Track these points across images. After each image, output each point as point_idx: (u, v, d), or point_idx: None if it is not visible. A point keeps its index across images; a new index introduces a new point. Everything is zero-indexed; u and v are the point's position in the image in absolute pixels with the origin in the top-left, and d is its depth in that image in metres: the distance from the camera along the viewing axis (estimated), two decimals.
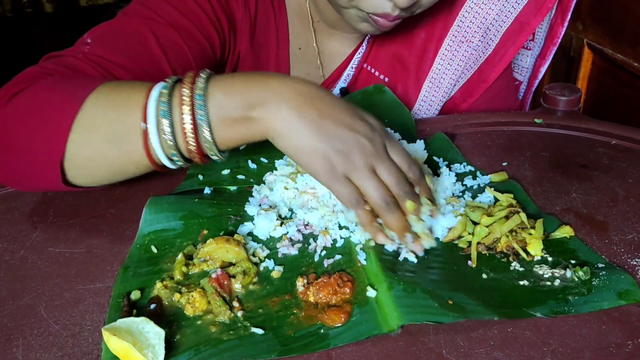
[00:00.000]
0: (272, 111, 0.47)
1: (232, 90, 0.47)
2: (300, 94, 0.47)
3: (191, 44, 0.63)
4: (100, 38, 0.59)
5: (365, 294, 0.45)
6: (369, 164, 0.48)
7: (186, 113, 0.46)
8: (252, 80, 0.48)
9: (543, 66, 0.85)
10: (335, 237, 0.51)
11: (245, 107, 0.47)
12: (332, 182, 0.47)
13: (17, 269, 0.50)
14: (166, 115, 0.46)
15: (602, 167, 0.63)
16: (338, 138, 0.47)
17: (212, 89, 0.47)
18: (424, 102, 0.79)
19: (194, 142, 0.47)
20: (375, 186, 0.47)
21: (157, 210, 0.54)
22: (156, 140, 0.47)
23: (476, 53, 0.75)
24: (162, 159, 0.48)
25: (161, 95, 0.47)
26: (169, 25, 0.62)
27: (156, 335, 0.40)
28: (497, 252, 0.50)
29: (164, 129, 0.46)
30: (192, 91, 0.47)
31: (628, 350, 0.41)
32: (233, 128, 0.47)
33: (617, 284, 0.46)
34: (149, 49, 0.60)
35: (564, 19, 0.80)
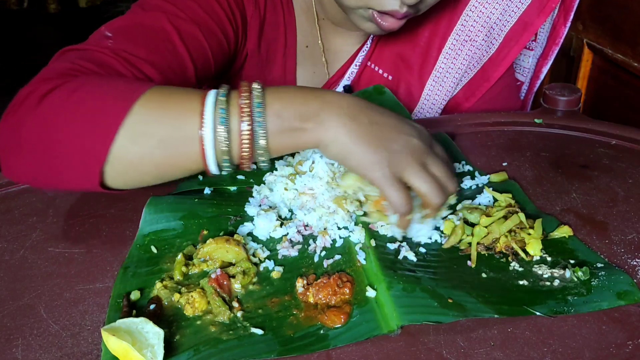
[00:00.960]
0: (326, 121, 0.49)
1: (289, 101, 0.49)
2: (354, 106, 0.50)
3: (210, 39, 0.63)
4: (122, 32, 0.58)
5: (365, 294, 0.45)
6: (421, 160, 0.50)
7: (245, 120, 0.47)
8: (309, 93, 0.50)
9: (545, 66, 0.85)
10: (335, 237, 0.51)
11: (302, 118, 0.49)
12: (385, 185, 0.49)
13: (17, 269, 0.50)
14: (224, 122, 0.47)
15: (602, 167, 0.63)
16: (389, 140, 0.49)
17: (270, 99, 0.48)
18: (427, 100, 0.79)
19: (248, 149, 0.48)
20: (428, 181, 0.50)
21: (157, 210, 0.54)
22: (211, 146, 0.47)
23: (479, 52, 0.75)
24: (211, 164, 0.49)
25: (218, 102, 0.48)
26: (191, 21, 0.61)
27: (155, 335, 0.40)
28: (496, 253, 0.50)
29: (221, 135, 0.47)
30: (251, 100, 0.48)
31: (628, 350, 0.41)
32: (287, 137, 0.49)
33: (617, 285, 0.46)
34: (172, 44, 0.59)
35: (567, 19, 0.80)
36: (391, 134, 0.49)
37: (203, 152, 0.48)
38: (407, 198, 0.49)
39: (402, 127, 0.51)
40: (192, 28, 0.61)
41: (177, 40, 0.60)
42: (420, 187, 0.49)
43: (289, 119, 0.48)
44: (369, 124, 0.49)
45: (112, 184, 0.51)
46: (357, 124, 0.49)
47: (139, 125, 0.48)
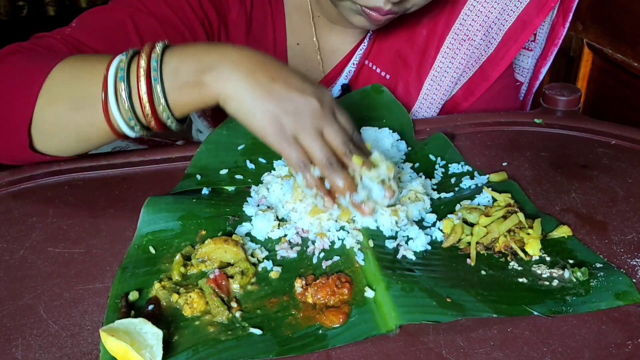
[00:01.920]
0: (223, 75, 0.49)
1: (186, 57, 0.50)
2: (253, 59, 0.49)
3: (171, 34, 0.65)
4: (82, 23, 0.63)
5: (364, 295, 0.45)
6: (317, 125, 0.49)
7: (142, 76, 0.49)
8: (209, 47, 0.51)
9: (544, 67, 0.85)
10: (333, 239, 0.51)
11: (198, 72, 0.49)
12: (281, 143, 0.49)
13: (17, 269, 0.50)
14: (123, 79, 0.49)
15: (601, 167, 0.63)
16: (288, 100, 0.48)
17: (168, 55, 0.50)
18: (425, 100, 0.79)
19: (148, 106, 0.49)
20: (321, 146, 0.49)
21: (155, 210, 0.54)
22: (114, 106, 0.50)
23: (478, 52, 0.75)
24: (121, 125, 0.51)
25: (121, 62, 0.50)
26: (152, 15, 0.64)
27: (154, 335, 0.40)
28: (495, 252, 0.50)
29: (122, 94, 0.49)
30: (149, 58, 0.49)
31: (628, 350, 0.41)
32: (186, 92, 0.50)
33: (615, 285, 0.46)
34: (127, 35, 0.62)
35: (566, 19, 0.79)
36: (290, 93, 0.49)
37: (106, 111, 0.50)
38: (303, 155, 0.49)
39: (303, 87, 0.50)
40: (152, 22, 0.64)
41: (132, 31, 0.62)
42: (311, 150, 0.49)
43: (186, 74, 0.49)
44: (269, 81, 0.49)
45: (41, 147, 0.55)
46: (256, 81, 0.48)
47: (54, 88, 0.52)
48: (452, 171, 0.62)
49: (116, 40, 0.61)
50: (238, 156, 0.64)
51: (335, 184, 0.50)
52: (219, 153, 0.64)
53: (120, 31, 0.62)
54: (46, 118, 0.52)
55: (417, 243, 0.50)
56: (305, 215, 0.53)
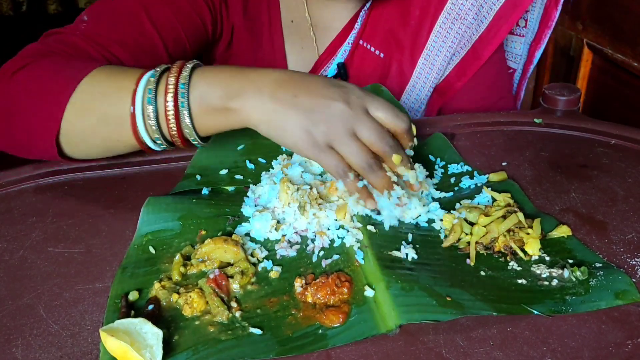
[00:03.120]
0: (248, 101, 0.50)
1: (214, 81, 0.51)
2: (274, 80, 0.51)
3: (183, 20, 0.66)
4: (96, 16, 0.63)
5: (363, 294, 0.45)
6: (349, 128, 0.49)
7: (169, 100, 0.50)
8: (234, 72, 0.52)
9: (538, 50, 0.85)
10: (333, 238, 0.51)
11: (225, 98, 0.51)
12: (317, 155, 0.50)
13: (17, 268, 0.50)
14: (151, 102, 0.51)
15: (601, 167, 0.63)
16: (313, 110, 0.49)
17: (196, 78, 0.52)
18: (419, 79, 0.79)
19: (175, 127, 0.51)
20: (356, 151, 0.49)
21: (155, 210, 0.54)
22: (142, 124, 0.52)
23: (470, 31, 0.76)
24: (147, 141, 0.53)
25: (149, 83, 0.52)
26: (163, 3, 0.64)
27: (154, 335, 0.40)
28: (494, 252, 0.50)
29: (149, 114, 0.51)
30: (177, 80, 0.51)
31: (627, 350, 0.41)
32: (213, 116, 0.52)
33: (615, 284, 0.46)
34: (141, 23, 0.63)
35: (558, 2, 0.80)
36: (315, 103, 0.49)
37: (134, 128, 0.52)
38: (342, 163, 0.50)
39: (327, 93, 0.50)
40: (162, 7, 0.64)
41: (146, 20, 0.63)
42: (348, 157, 0.50)
43: (213, 99, 0.51)
44: (291, 98, 0.50)
45: (69, 154, 0.58)
46: (279, 101, 0.50)
47: (82, 102, 0.53)
48: (451, 171, 0.62)
49: (131, 29, 0.62)
50: (238, 156, 0.64)
51: (374, 185, 0.51)
52: (218, 153, 0.64)
53: (132, 20, 0.63)
54: (75, 130, 0.54)
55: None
56: (300, 216, 0.53)
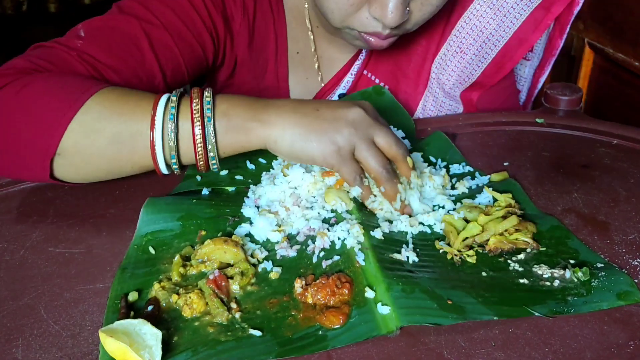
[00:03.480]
0: (270, 118, 0.52)
1: (235, 102, 0.53)
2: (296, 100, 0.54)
3: (183, 48, 0.64)
4: (93, 35, 0.60)
5: (364, 295, 0.45)
6: (369, 134, 0.52)
7: (197, 119, 0.51)
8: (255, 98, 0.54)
9: (542, 76, 0.84)
10: (333, 239, 0.51)
11: (248, 117, 0.52)
12: (340, 164, 0.52)
13: (17, 269, 0.50)
14: (173, 119, 0.51)
15: (603, 167, 0.63)
16: (337, 118, 0.52)
17: (219, 100, 0.52)
18: (424, 110, 0.79)
19: (202, 148, 0.51)
20: (375, 156, 0.52)
21: (155, 210, 0.54)
22: (160, 146, 0.51)
23: (470, 67, 0.74)
24: (160, 164, 0.52)
25: (170, 102, 0.51)
26: (164, 28, 0.62)
27: (153, 336, 0.40)
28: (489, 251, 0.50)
29: (169, 134, 0.51)
30: (201, 101, 0.51)
31: (630, 350, 0.41)
32: (234, 135, 0.52)
33: (617, 285, 0.46)
34: (141, 51, 0.61)
35: (563, 32, 0.78)
36: (337, 112, 0.52)
37: (153, 151, 0.51)
38: (360, 174, 0.53)
39: (344, 104, 0.53)
40: (164, 35, 0.63)
41: (147, 48, 0.61)
42: (367, 162, 0.52)
43: (236, 117, 0.52)
44: (313, 110, 0.52)
45: (63, 176, 0.55)
46: (302, 115, 0.52)
47: (92, 122, 0.51)
48: (453, 172, 0.62)
49: (132, 57, 0.60)
50: (238, 157, 0.63)
51: (388, 191, 0.53)
52: None
53: (134, 46, 0.60)
54: (79, 151, 0.52)
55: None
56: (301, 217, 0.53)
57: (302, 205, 0.54)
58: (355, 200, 0.54)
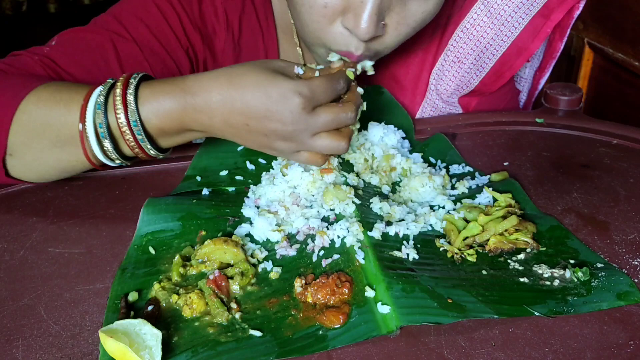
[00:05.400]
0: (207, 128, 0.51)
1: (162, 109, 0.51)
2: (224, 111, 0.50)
3: (154, 63, 0.64)
4: (63, 44, 0.61)
5: (364, 294, 0.45)
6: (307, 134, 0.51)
7: (120, 114, 0.49)
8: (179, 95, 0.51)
9: (542, 78, 0.83)
10: (333, 237, 0.51)
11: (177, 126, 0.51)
12: (290, 159, 0.53)
13: (17, 269, 0.50)
14: (102, 115, 0.50)
15: (603, 167, 0.63)
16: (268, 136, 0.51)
17: (143, 95, 0.50)
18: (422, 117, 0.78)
19: (133, 141, 0.50)
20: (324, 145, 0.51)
21: (155, 211, 0.54)
22: (94, 140, 0.50)
23: (468, 76, 0.73)
24: (100, 157, 0.51)
25: (99, 96, 0.50)
26: (133, 42, 0.62)
27: (153, 336, 0.40)
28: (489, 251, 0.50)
29: (101, 128, 0.50)
30: (124, 92, 0.50)
31: (630, 350, 0.41)
32: (169, 137, 0.52)
33: (616, 285, 0.46)
34: (106, 62, 0.61)
35: (563, 36, 0.77)
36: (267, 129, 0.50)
37: (83, 144, 0.50)
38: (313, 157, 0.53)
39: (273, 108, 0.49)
40: (133, 48, 0.62)
41: (113, 59, 0.61)
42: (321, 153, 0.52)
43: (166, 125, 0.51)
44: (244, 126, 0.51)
45: (19, 176, 0.55)
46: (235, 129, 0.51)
47: (29, 123, 0.51)
48: (452, 172, 0.62)
49: (95, 66, 0.60)
50: (238, 157, 0.63)
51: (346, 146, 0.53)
52: (218, 154, 0.64)
53: (100, 56, 0.60)
54: (25, 152, 0.52)
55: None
56: (300, 216, 0.53)
57: (301, 204, 0.54)
58: (354, 201, 0.54)
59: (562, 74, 1.25)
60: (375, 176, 0.59)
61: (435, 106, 0.77)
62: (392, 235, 0.52)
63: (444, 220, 0.53)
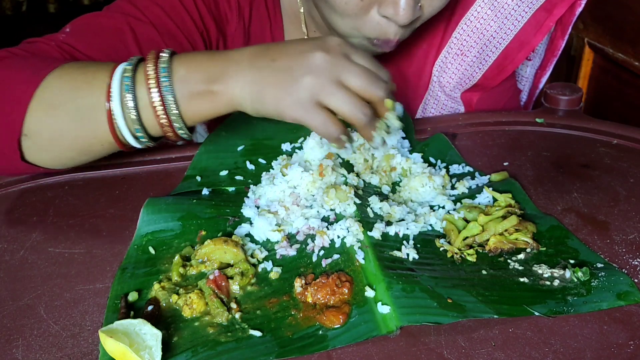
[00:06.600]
0: (231, 78, 0.48)
1: (194, 65, 0.49)
2: (251, 53, 0.49)
3: (172, 45, 0.63)
4: (78, 29, 0.60)
5: (364, 294, 0.45)
6: (335, 76, 0.47)
7: (153, 87, 0.47)
8: (213, 55, 0.50)
9: (544, 77, 0.84)
10: (333, 237, 0.51)
11: (208, 81, 0.49)
12: (304, 115, 0.47)
13: (17, 269, 0.50)
14: (129, 90, 0.48)
15: (603, 167, 0.63)
16: (292, 68, 0.47)
17: (176, 64, 0.49)
18: (424, 114, 0.78)
19: (164, 116, 0.48)
20: (346, 99, 0.47)
21: (155, 211, 0.54)
22: (120, 116, 0.48)
23: (471, 69, 0.74)
24: (126, 136, 0.50)
25: (125, 71, 0.48)
26: (151, 24, 0.62)
27: (153, 336, 0.40)
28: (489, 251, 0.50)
29: (128, 104, 0.48)
30: (157, 67, 0.48)
31: (630, 350, 0.41)
32: (197, 101, 0.49)
33: (616, 285, 0.46)
34: (125, 45, 0.60)
35: (564, 33, 0.78)
36: (294, 62, 0.47)
37: (111, 124, 0.48)
38: (331, 121, 0.48)
39: (304, 47, 0.48)
40: (151, 31, 0.62)
41: (131, 42, 0.60)
42: (339, 109, 0.47)
43: (196, 83, 0.48)
44: (270, 63, 0.48)
45: (34, 159, 0.52)
46: (258, 70, 0.48)
47: (50, 97, 0.49)
48: (452, 172, 0.62)
49: (114, 49, 0.59)
50: (238, 157, 0.63)
51: (367, 135, 0.50)
52: (218, 154, 0.64)
53: (118, 40, 0.60)
54: (42, 129, 0.49)
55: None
56: (300, 216, 0.53)
57: (301, 204, 0.54)
58: (354, 201, 0.54)
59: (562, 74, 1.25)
60: (375, 176, 0.59)
61: (437, 99, 0.77)
62: (392, 235, 0.52)
63: (444, 220, 0.53)
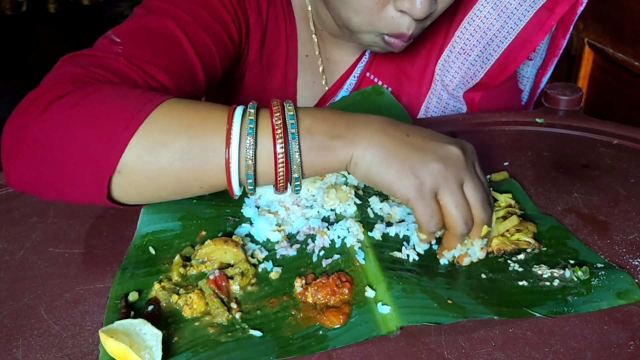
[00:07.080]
0: (357, 135, 0.46)
1: (321, 118, 0.47)
2: (385, 120, 0.47)
3: (218, 44, 0.61)
4: (131, 38, 0.55)
5: (364, 295, 0.45)
6: (459, 177, 0.45)
7: (278, 135, 0.45)
8: (337, 113, 0.48)
9: (545, 76, 0.84)
10: (333, 237, 0.51)
11: (332, 134, 0.46)
12: (418, 202, 0.45)
13: (17, 269, 0.50)
14: (252, 134, 0.45)
15: (603, 167, 0.63)
16: (427, 151, 0.45)
17: (301, 114, 0.46)
18: (426, 113, 0.78)
19: (283, 166, 0.45)
20: (461, 204, 0.45)
21: (155, 210, 0.54)
22: (236, 161, 0.45)
23: (474, 68, 0.74)
24: (235, 183, 0.47)
25: (247, 114, 0.46)
26: (198, 26, 0.59)
27: (153, 337, 0.40)
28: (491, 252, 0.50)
29: (248, 150, 0.45)
30: (284, 116, 0.46)
31: (630, 350, 0.41)
32: (319, 154, 0.46)
33: (617, 284, 0.46)
34: (184, 50, 0.57)
35: (566, 32, 0.78)
36: (429, 145, 0.45)
37: (228, 170, 0.45)
38: (438, 215, 0.45)
39: (441, 138, 0.47)
40: (200, 33, 0.59)
41: (188, 47, 0.57)
42: (452, 209, 0.45)
43: (320, 135, 0.46)
44: (403, 136, 0.46)
45: (122, 197, 0.48)
46: (389, 137, 0.45)
47: (158, 133, 0.45)
48: None
49: (174, 55, 0.56)
50: None
51: (451, 244, 0.48)
52: None
53: (175, 44, 0.57)
54: (141, 167, 0.45)
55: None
56: (301, 216, 0.53)
57: (301, 204, 0.54)
58: (355, 202, 0.54)
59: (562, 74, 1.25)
60: None
61: (440, 98, 0.77)
62: (393, 236, 0.52)
63: None
